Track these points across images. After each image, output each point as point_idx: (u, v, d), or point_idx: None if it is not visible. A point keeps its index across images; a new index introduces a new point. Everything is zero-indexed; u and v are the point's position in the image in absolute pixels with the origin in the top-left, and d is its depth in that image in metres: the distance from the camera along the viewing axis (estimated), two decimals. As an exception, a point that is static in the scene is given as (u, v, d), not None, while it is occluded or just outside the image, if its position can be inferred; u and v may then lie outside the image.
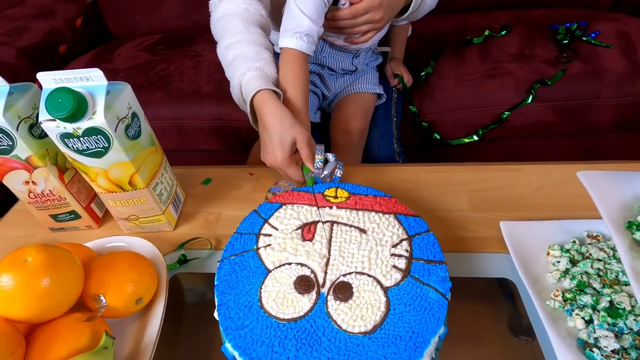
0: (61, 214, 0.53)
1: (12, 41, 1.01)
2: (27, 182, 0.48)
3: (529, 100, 0.89)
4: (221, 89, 0.99)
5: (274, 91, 0.56)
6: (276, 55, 0.62)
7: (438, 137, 0.96)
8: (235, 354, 0.36)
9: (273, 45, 0.64)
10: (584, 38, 0.98)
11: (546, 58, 0.95)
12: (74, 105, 0.38)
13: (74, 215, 0.54)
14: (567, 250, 0.44)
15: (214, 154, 1.07)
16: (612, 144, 1.05)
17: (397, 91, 0.89)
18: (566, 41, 0.97)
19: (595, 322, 0.38)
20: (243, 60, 0.57)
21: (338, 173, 0.57)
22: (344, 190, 0.49)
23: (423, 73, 0.96)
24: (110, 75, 1.06)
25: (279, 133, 0.53)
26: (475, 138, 0.95)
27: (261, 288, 0.39)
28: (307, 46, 0.60)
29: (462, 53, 1.01)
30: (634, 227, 0.33)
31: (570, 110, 0.92)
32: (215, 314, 0.40)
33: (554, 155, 1.05)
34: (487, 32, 1.04)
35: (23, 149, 0.44)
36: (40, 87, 0.42)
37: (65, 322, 0.36)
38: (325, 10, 0.61)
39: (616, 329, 0.37)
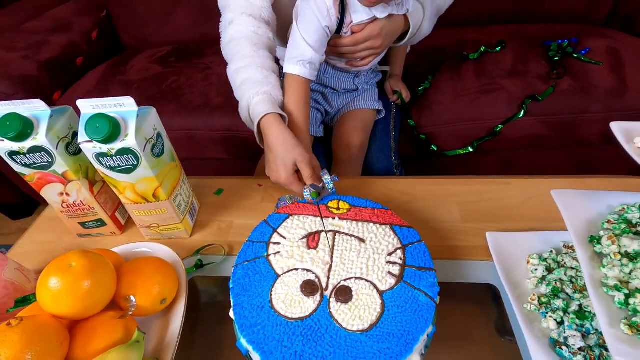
0: (89, 221, 0.59)
1: (33, 55, 1.07)
2: (62, 194, 0.54)
3: (521, 115, 0.94)
4: (230, 101, 1.04)
5: (279, 114, 0.61)
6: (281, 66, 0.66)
7: (435, 149, 1.01)
8: (249, 348, 0.41)
9: (279, 60, 0.69)
10: (575, 55, 1.03)
11: (538, 74, 1.00)
12: (110, 129, 0.44)
13: (100, 223, 0.59)
14: (545, 259, 0.49)
15: (223, 163, 1.12)
16: (603, 156, 1.10)
17: (395, 106, 0.94)
18: (557, 58, 1.02)
19: (566, 323, 0.43)
20: (252, 84, 0.63)
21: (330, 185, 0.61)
22: (345, 203, 0.55)
23: (421, 88, 1.02)
24: (125, 87, 1.13)
25: (282, 154, 0.58)
26: (471, 150, 1.01)
27: (272, 291, 0.44)
28: (309, 72, 0.65)
29: (459, 68, 1.06)
30: (595, 241, 0.38)
31: (560, 125, 0.97)
32: (231, 313, 0.45)
33: (547, 166, 1.10)
34: (482, 49, 1.09)
35: (60, 164, 0.50)
36: (78, 111, 0.48)
37: (102, 319, 0.42)
38: (327, 39, 0.66)
39: (583, 330, 0.42)
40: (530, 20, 1.28)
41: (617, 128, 0.36)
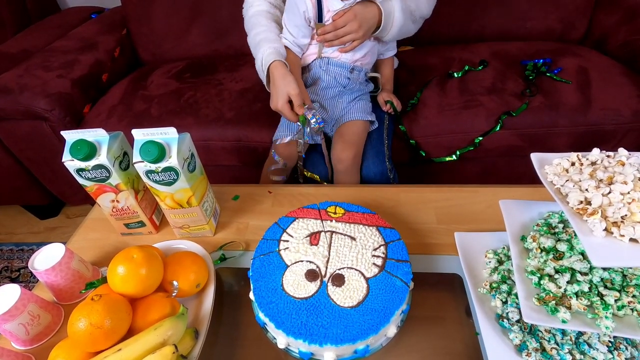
0: (132, 222, 0.72)
1: (67, 73, 1.20)
2: (113, 201, 0.67)
3: (497, 129, 1.07)
4: (241, 115, 1.18)
5: (284, 62, 0.85)
6: None
7: (424, 154, 1.14)
8: (266, 320, 0.54)
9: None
10: (548, 74, 1.15)
11: (514, 92, 1.12)
12: (158, 153, 0.57)
13: (141, 224, 0.72)
14: (498, 254, 0.62)
15: (234, 169, 1.26)
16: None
17: (388, 117, 1.07)
18: (532, 77, 1.14)
19: (509, 302, 0.56)
20: (266, 42, 0.89)
21: (313, 120, 0.85)
22: (341, 208, 0.67)
23: (411, 102, 1.14)
24: (147, 102, 1.26)
25: (280, 88, 0.83)
26: (454, 158, 1.13)
27: (282, 277, 0.57)
28: (295, 49, 0.93)
29: (445, 85, 1.19)
30: (524, 239, 0.51)
31: (532, 137, 1.10)
32: (251, 295, 0.58)
33: (522, 172, 1.22)
34: (466, 67, 1.22)
35: (115, 178, 0.63)
36: (131, 138, 0.61)
37: (155, 297, 0.55)
38: (307, 24, 0.89)
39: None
40: (512, 38, 1.41)
41: (535, 157, 0.48)
